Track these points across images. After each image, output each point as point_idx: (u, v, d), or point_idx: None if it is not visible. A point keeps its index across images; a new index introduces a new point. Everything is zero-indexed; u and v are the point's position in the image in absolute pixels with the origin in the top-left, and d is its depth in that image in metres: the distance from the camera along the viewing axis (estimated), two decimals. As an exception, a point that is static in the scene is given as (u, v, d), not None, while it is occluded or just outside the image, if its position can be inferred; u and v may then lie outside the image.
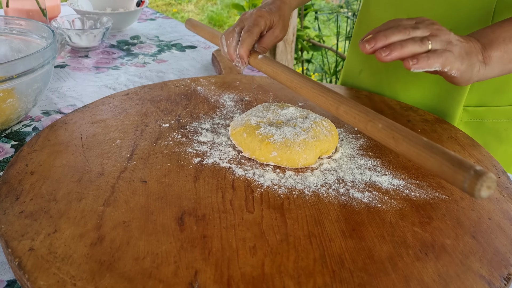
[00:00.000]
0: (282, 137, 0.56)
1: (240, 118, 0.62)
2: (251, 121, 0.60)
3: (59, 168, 0.54)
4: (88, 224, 0.45)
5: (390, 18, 0.77)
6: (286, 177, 0.54)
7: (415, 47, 0.49)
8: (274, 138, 0.56)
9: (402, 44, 0.49)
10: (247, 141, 0.58)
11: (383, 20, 0.79)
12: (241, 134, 0.58)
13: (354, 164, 0.58)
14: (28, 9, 1.01)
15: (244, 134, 0.58)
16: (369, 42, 0.49)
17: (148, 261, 0.41)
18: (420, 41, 0.50)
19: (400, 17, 0.74)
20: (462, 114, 0.74)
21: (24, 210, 0.47)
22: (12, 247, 0.42)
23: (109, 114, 0.67)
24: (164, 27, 1.22)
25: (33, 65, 0.63)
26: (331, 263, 0.42)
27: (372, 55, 0.80)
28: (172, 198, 0.50)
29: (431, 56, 0.49)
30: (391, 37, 0.49)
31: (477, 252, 0.45)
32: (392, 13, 0.78)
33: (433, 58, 0.49)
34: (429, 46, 0.50)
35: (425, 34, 0.51)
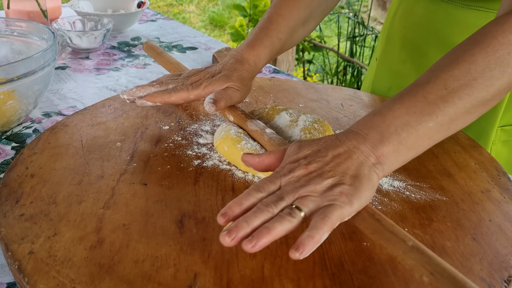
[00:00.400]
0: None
1: (221, 127, 0.60)
2: (231, 132, 0.57)
3: (59, 171, 0.54)
4: (88, 227, 0.45)
5: (418, 38, 0.78)
6: (286, 179, 0.54)
7: (284, 226, 0.39)
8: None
9: (269, 228, 0.38)
10: (229, 154, 0.56)
11: (411, 39, 0.79)
12: (223, 147, 0.57)
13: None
14: (29, 10, 1.01)
15: (225, 147, 0.57)
16: (229, 234, 0.38)
17: (147, 264, 0.41)
18: (288, 215, 0.39)
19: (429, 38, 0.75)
20: (500, 133, 0.73)
21: (24, 213, 0.47)
22: (12, 250, 0.42)
23: (109, 116, 0.67)
24: (165, 28, 1.22)
25: (33, 67, 0.63)
26: (330, 265, 0.42)
27: (401, 72, 0.81)
28: (172, 200, 0.50)
29: (314, 234, 0.38)
30: (254, 221, 0.39)
31: (478, 254, 0.45)
32: (420, 34, 0.78)
33: (317, 233, 0.38)
34: (301, 215, 0.40)
35: (292, 201, 0.41)
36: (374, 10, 3.79)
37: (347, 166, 0.43)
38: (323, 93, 0.78)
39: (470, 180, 0.56)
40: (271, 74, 0.95)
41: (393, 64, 0.84)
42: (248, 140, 0.57)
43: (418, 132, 0.45)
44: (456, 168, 0.58)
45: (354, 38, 2.60)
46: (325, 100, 0.75)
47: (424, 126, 0.45)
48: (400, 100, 0.46)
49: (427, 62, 0.78)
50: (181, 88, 0.61)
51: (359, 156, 0.44)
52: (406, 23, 0.82)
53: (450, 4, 0.74)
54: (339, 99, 0.76)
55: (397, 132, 0.45)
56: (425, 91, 0.46)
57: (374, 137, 0.45)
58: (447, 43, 0.75)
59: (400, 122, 0.45)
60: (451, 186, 0.54)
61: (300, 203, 0.41)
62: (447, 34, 0.75)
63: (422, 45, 0.79)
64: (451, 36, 0.74)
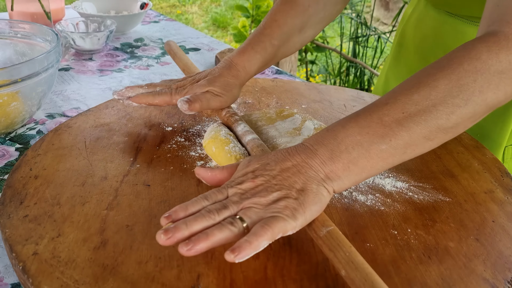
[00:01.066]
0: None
1: (212, 127, 0.60)
2: (221, 133, 0.57)
3: (63, 172, 0.54)
4: (91, 228, 0.46)
5: (427, 49, 0.77)
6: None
7: (224, 233, 0.39)
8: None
9: (208, 234, 0.39)
10: (216, 155, 0.56)
11: (420, 49, 0.79)
12: (211, 147, 0.57)
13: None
14: (33, 12, 1.02)
15: (213, 148, 0.56)
16: (166, 233, 0.38)
17: (151, 265, 0.42)
18: (229, 223, 0.40)
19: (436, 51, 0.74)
20: (510, 151, 0.72)
21: (28, 214, 0.47)
22: (16, 251, 0.42)
23: (112, 117, 0.67)
24: (168, 29, 1.22)
25: (37, 68, 0.64)
26: (333, 266, 0.42)
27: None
28: (175, 201, 0.50)
29: (252, 239, 0.38)
30: (193, 225, 0.39)
31: (481, 255, 0.44)
32: (429, 46, 0.78)
33: (255, 239, 0.38)
34: (243, 225, 0.40)
35: (235, 211, 0.41)
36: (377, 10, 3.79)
37: (294, 180, 0.43)
38: (325, 94, 0.78)
39: (473, 181, 0.56)
40: (273, 75, 0.95)
41: (404, 72, 0.84)
42: (237, 144, 0.56)
43: (370, 153, 0.44)
44: (459, 169, 0.58)
45: (357, 39, 2.60)
46: (327, 101, 0.75)
47: (376, 148, 0.44)
48: (355, 119, 0.45)
49: None
50: (165, 92, 0.62)
51: (308, 170, 0.43)
52: (417, 33, 0.81)
53: (456, 19, 0.73)
54: (342, 100, 0.76)
55: (348, 151, 0.44)
56: (381, 112, 0.45)
57: (324, 154, 0.44)
58: None
59: (351, 141, 0.44)
60: (454, 186, 0.54)
61: (243, 214, 0.41)
62: (452, 48, 0.73)
63: (430, 57, 0.78)
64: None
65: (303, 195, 0.42)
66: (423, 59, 0.79)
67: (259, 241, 0.38)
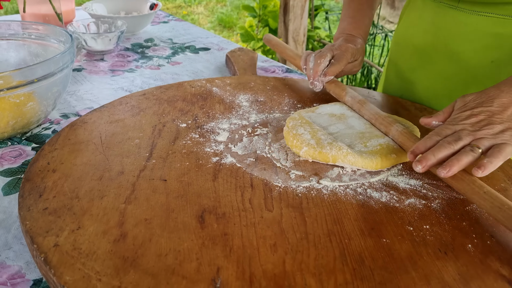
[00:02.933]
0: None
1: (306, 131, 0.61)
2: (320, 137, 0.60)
3: (80, 166, 0.55)
4: (110, 221, 0.46)
5: (427, 45, 0.78)
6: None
7: (469, 158, 0.49)
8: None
9: (458, 159, 0.49)
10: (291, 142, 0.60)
11: (420, 46, 0.80)
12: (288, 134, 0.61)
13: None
14: (44, 13, 1.03)
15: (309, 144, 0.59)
16: (421, 163, 0.50)
17: (170, 257, 0.42)
18: (470, 151, 0.50)
19: (437, 46, 0.76)
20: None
21: (47, 207, 0.48)
22: (37, 243, 0.43)
23: (126, 114, 0.67)
24: (177, 29, 1.23)
25: (52, 69, 0.64)
26: (351, 261, 0.43)
27: (411, 80, 0.82)
28: (192, 196, 0.50)
29: (492, 160, 0.48)
30: (439, 154, 0.50)
31: (496, 252, 0.45)
32: (429, 41, 0.78)
33: (495, 159, 0.49)
34: (479, 151, 0.50)
35: (469, 141, 0.51)
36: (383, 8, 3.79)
37: (511, 113, 0.53)
38: (337, 93, 0.78)
39: (487, 179, 0.56)
40: (284, 73, 0.95)
41: (403, 71, 0.84)
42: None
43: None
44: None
45: (363, 38, 2.60)
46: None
47: None
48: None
49: (437, 71, 0.77)
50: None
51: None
52: (414, 30, 0.81)
53: (458, 11, 0.73)
54: (353, 99, 0.77)
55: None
56: None
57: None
58: (455, 51, 0.74)
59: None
60: None
61: (478, 142, 0.51)
62: (455, 41, 0.74)
63: (431, 52, 0.78)
64: (459, 44, 0.73)
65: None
66: (425, 54, 0.79)
67: (497, 160, 0.49)
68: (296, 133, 0.60)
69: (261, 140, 0.62)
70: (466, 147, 0.50)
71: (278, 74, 0.95)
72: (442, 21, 0.76)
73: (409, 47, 0.82)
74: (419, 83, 0.81)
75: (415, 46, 0.81)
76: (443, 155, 0.50)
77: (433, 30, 0.77)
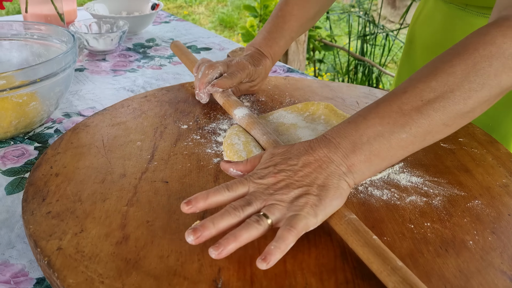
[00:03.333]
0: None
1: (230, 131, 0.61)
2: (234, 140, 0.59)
3: (82, 170, 0.55)
4: (113, 223, 0.47)
5: (437, 45, 0.77)
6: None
7: (251, 233, 0.40)
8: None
9: (236, 235, 0.40)
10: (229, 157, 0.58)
11: (430, 46, 0.80)
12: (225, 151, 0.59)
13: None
14: (46, 14, 1.03)
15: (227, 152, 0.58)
16: (195, 233, 0.40)
17: (172, 259, 0.42)
18: (256, 222, 0.41)
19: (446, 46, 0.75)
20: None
21: (51, 211, 0.48)
22: (41, 247, 0.43)
23: (128, 116, 0.68)
24: (179, 29, 1.23)
25: (55, 69, 0.65)
26: (352, 259, 0.43)
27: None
28: (194, 197, 0.51)
29: (280, 245, 0.40)
30: (220, 223, 0.41)
31: (498, 248, 0.45)
32: (439, 41, 0.78)
33: (283, 242, 0.40)
34: (268, 222, 0.41)
35: (259, 208, 0.43)
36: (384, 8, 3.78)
37: (316, 176, 0.44)
38: (338, 91, 0.78)
39: (488, 175, 0.56)
40: (285, 73, 0.96)
41: (415, 68, 0.85)
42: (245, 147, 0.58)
43: (391, 142, 0.45)
44: (474, 164, 0.58)
45: (364, 37, 2.60)
46: (340, 98, 0.76)
47: (397, 137, 0.45)
48: (376, 109, 0.46)
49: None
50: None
51: (329, 165, 0.45)
52: (426, 29, 0.82)
53: (466, 12, 0.73)
54: (354, 97, 0.77)
55: (369, 142, 0.45)
56: (400, 101, 0.45)
57: (346, 146, 0.45)
58: None
59: (373, 132, 0.45)
60: (469, 181, 0.55)
61: (267, 211, 0.42)
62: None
63: (440, 52, 0.77)
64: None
65: (324, 191, 0.43)
66: (434, 54, 0.79)
67: (286, 244, 0.40)
68: (230, 143, 0.59)
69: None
70: (252, 216, 0.42)
71: (279, 73, 0.95)
72: (451, 22, 0.76)
73: (420, 45, 0.83)
74: None
75: (425, 45, 0.81)
76: (226, 224, 0.41)
77: (442, 30, 0.78)
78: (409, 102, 0.45)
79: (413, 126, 0.45)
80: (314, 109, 0.68)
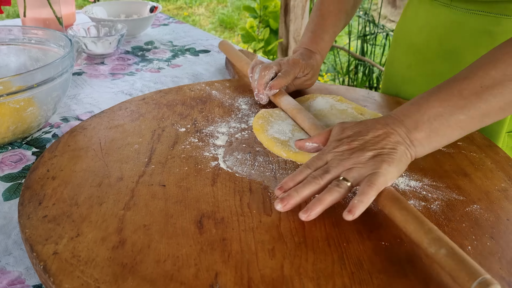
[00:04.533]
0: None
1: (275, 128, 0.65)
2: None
3: (79, 173, 0.55)
4: (109, 227, 0.46)
5: (422, 43, 0.79)
6: (302, 180, 0.55)
7: (333, 196, 0.46)
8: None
9: (320, 200, 0.45)
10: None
11: (416, 44, 0.80)
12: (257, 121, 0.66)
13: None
14: (45, 17, 1.03)
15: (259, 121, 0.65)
16: (282, 201, 0.46)
17: (169, 263, 0.42)
18: (336, 186, 0.46)
19: (432, 44, 0.77)
20: (507, 139, 0.73)
21: (47, 215, 0.48)
22: (36, 251, 0.43)
23: (126, 119, 0.68)
24: (178, 32, 1.23)
25: (52, 74, 0.65)
26: (349, 264, 0.43)
27: (408, 77, 0.82)
28: (191, 201, 0.50)
29: (363, 199, 0.45)
30: (303, 191, 0.47)
31: (496, 253, 0.45)
32: (423, 39, 0.79)
33: (365, 197, 0.45)
34: (347, 185, 0.46)
35: (337, 174, 0.48)
36: (384, 7, 3.78)
37: (385, 143, 0.49)
38: (337, 94, 0.78)
39: (487, 180, 0.56)
40: (284, 76, 0.95)
41: (401, 68, 0.85)
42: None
43: (450, 122, 0.49)
44: (472, 168, 0.58)
45: (365, 37, 2.60)
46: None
47: (455, 118, 0.49)
48: (437, 92, 0.51)
49: (431, 68, 0.78)
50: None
51: (396, 136, 0.50)
52: (411, 28, 0.82)
53: (451, 9, 0.74)
54: (353, 99, 0.77)
55: (430, 121, 0.50)
56: (460, 86, 0.50)
57: (409, 124, 0.50)
58: (448, 49, 0.74)
59: (433, 112, 0.50)
60: (468, 185, 0.55)
61: (346, 174, 0.47)
62: (448, 39, 0.74)
63: (425, 50, 0.79)
64: (452, 42, 0.74)
65: (394, 153, 0.49)
66: (418, 53, 0.80)
67: (368, 197, 0.45)
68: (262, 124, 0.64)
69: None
70: (333, 182, 0.47)
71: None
72: (436, 19, 0.76)
73: (406, 45, 0.83)
74: (415, 80, 0.81)
75: (411, 44, 0.82)
76: (308, 192, 0.47)
77: (428, 28, 0.78)
78: (468, 88, 0.49)
79: (471, 109, 0.49)
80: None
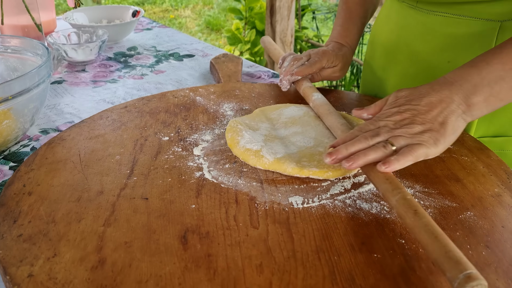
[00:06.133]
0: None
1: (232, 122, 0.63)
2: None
3: (57, 188, 0.52)
4: (88, 246, 0.44)
5: (392, 45, 0.79)
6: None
7: (377, 154, 0.48)
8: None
9: (365, 153, 0.48)
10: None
11: (387, 46, 0.81)
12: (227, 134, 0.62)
13: (358, 172, 0.56)
14: (24, 25, 1.00)
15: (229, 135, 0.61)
16: (331, 155, 0.49)
17: (151, 284, 0.40)
18: (382, 147, 0.48)
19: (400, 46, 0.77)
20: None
21: (22, 234, 0.45)
22: (10, 274, 0.41)
23: (107, 128, 0.65)
24: (161, 36, 1.21)
25: (28, 84, 0.62)
26: (341, 279, 0.41)
27: (383, 78, 0.82)
28: (175, 215, 0.48)
29: (400, 158, 0.47)
30: (351, 148, 0.49)
31: (492, 263, 0.43)
32: (393, 41, 0.79)
33: (403, 158, 0.47)
34: (392, 148, 0.48)
35: (386, 138, 0.50)
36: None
37: (437, 114, 0.50)
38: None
39: (480, 184, 0.54)
40: (270, 79, 0.93)
41: (376, 70, 0.85)
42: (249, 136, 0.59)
43: (510, 85, 0.50)
44: (464, 172, 0.57)
45: (352, 38, 2.59)
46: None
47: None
48: (499, 55, 0.52)
49: (401, 70, 0.77)
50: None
51: (450, 105, 0.50)
52: (383, 29, 0.83)
53: (417, 11, 0.73)
54: (342, 104, 0.75)
55: (490, 85, 0.51)
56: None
57: (467, 88, 0.51)
58: (415, 51, 0.74)
59: (494, 76, 0.50)
60: (460, 191, 0.53)
61: (393, 140, 0.49)
62: (415, 41, 0.74)
63: (395, 52, 0.79)
64: (419, 44, 0.73)
65: (444, 127, 0.50)
66: (391, 53, 0.80)
67: (405, 159, 0.47)
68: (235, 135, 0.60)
69: (246, 152, 0.60)
70: (380, 142, 0.49)
71: (264, 79, 0.93)
72: (404, 21, 0.77)
73: (379, 46, 0.83)
74: (389, 81, 0.81)
75: (383, 46, 0.82)
76: (356, 149, 0.49)
77: (397, 30, 0.78)
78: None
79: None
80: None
